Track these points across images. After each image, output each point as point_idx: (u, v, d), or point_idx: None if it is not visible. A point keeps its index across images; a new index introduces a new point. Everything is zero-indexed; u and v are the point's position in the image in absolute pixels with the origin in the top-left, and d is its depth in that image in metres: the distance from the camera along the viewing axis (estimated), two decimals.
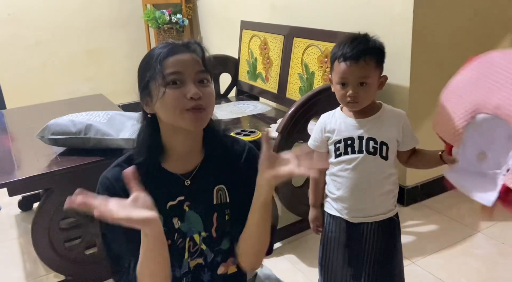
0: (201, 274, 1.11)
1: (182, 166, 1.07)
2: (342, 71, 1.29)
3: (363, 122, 1.36)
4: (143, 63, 1.02)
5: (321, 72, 2.52)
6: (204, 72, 1.00)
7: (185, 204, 1.07)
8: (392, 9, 2.25)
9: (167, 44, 1.01)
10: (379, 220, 1.41)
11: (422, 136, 2.37)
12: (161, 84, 0.97)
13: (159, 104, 0.98)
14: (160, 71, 0.97)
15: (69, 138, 1.80)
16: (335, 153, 1.38)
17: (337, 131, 1.37)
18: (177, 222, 1.07)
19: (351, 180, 1.38)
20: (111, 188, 1.02)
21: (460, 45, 2.39)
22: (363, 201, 1.39)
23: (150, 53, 1.01)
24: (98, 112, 1.89)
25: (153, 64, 0.98)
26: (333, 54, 1.33)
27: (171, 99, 0.96)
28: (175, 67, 0.97)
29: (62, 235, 1.85)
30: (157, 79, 0.97)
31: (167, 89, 0.96)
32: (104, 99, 2.68)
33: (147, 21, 4.08)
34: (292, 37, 2.77)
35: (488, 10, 2.43)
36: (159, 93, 0.97)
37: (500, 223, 2.28)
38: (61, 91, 4.13)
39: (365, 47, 1.28)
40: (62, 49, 4.11)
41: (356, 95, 1.30)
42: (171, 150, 1.05)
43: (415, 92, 2.28)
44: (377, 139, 1.35)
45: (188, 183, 1.07)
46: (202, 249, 1.09)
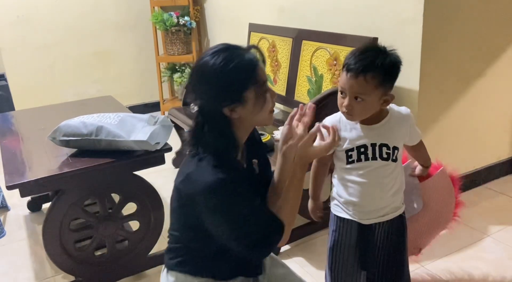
0: None
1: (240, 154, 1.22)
2: (342, 81, 1.28)
3: (374, 128, 1.35)
4: (235, 74, 1.07)
5: (330, 75, 2.52)
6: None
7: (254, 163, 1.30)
8: (402, 12, 2.24)
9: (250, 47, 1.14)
10: (390, 219, 1.42)
11: (431, 139, 2.39)
12: (261, 92, 1.10)
13: (252, 108, 1.10)
14: (256, 80, 1.09)
15: (81, 139, 1.81)
16: (347, 159, 1.37)
17: (349, 140, 1.35)
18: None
19: (363, 186, 1.37)
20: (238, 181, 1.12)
21: (469, 49, 2.38)
22: (376, 204, 1.40)
23: (239, 63, 1.07)
24: (109, 114, 1.90)
25: (248, 73, 1.08)
26: (344, 60, 1.31)
27: (269, 102, 1.14)
28: (264, 76, 1.12)
29: (72, 235, 1.85)
30: (255, 87, 1.09)
31: (267, 95, 1.13)
32: (113, 101, 2.70)
33: (155, 23, 4.10)
34: (301, 40, 2.77)
35: (498, 13, 2.43)
36: (259, 98, 1.10)
37: (509, 226, 2.27)
38: (69, 93, 4.16)
39: (370, 63, 1.22)
40: (70, 51, 4.13)
41: (350, 108, 1.27)
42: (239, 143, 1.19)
43: (424, 95, 2.27)
44: (389, 145, 1.35)
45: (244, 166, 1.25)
46: None
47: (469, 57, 2.40)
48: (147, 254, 2.03)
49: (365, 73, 1.21)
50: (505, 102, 2.66)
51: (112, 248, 1.94)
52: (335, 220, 1.47)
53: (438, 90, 2.34)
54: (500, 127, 2.70)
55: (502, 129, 2.71)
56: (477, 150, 2.62)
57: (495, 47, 2.49)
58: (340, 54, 2.44)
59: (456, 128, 2.47)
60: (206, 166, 1.09)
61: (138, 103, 4.54)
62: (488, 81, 2.51)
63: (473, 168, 2.63)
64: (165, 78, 4.39)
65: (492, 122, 2.63)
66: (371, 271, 1.45)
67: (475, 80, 2.46)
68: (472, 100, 2.48)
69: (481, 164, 2.66)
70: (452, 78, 2.37)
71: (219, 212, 1.10)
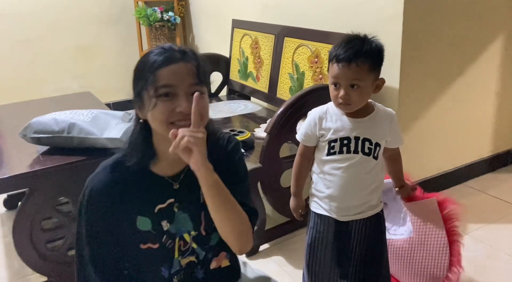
0: (194, 271, 1.13)
1: (170, 169, 1.07)
2: (334, 72, 1.30)
3: (360, 122, 1.36)
4: (137, 70, 1.01)
5: (312, 72, 2.50)
6: (198, 85, 0.98)
7: (175, 206, 1.09)
8: (382, 9, 2.22)
9: (163, 50, 0.99)
10: (367, 217, 1.42)
11: (412, 138, 2.38)
12: (153, 96, 0.96)
13: (149, 114, 0.99)
14: (152, 82, 0.96)
15: (52, 137, 1.77)
16: (328, 150, 1.37)
17: (333, 130, 1.36)
18: (166, 224, 1.08)
19: (342, 179, 1.38)
20: (104, 193, 1.04)
21: (450, 48, 2.37)
22: (352, 199, 1.40)
23: (144, 60, 1.00)
24: (82, 111, 1.86)
25: (146, 74, 0.97)
26: (329, 55, 1.33)
27: (160, 112, 0.96)
28: (168, 79, 0.96)
29: (44, 235, 1.81)
30: (149, 90, 0.96)
31: (158, 101, 0.96)
32: (91, 97, 2.65)
33: (138, 18, 4.04)
34: (283, 37, 2.74)
35: (479, 10, 2.42)
36: (150, 103, 0.97)
37: (489, 225, 2.27)
38: (51, 88, 4.08)
39: (359, 50, 1.27)
40: (52, 45, 4.06)
41: (347, 98, 1.30)
42: (161, 154, 1.05)
43: (405, 93, 2.26)
44: (372, 140, 1.37)
45: (176, 186, 1.08)
46: (193, 247, 1.11)
47: (449, 55, 2.39)
48: None
49: (356, 59, 1.26)
50: (486, 100, 2.66)
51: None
52: (313, 217, 1.47)
53: (418, 88, 2.32)
54: (480, 126, 2.69)
55: (482, 127, 2.71)
56: (457, 148, 2.61)
57: (475, 46, 2.49)
58: (321, 52, 2.42)
59: (436, 126, 2.46)
60: (105, 163, 1.09)
61: (122, 99, 4.47)
62: (469, 80, 2.50)
63: (453, 166, 2.62)
64: None
65: (472, 121, 2.63)
66: (347, 268, 1.43)
67: (456, 79, 2.45)
68: (452, 99, 2.47)
69: (462, 162, 2.66)
70: (432, 77, 2.36)
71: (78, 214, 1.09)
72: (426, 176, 2.50)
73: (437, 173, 2.55)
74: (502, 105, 2.72)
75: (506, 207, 2.42)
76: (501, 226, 2.26)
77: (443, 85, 2.42)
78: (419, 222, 1.62)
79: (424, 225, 1.62)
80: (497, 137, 2.78)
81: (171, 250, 1.09)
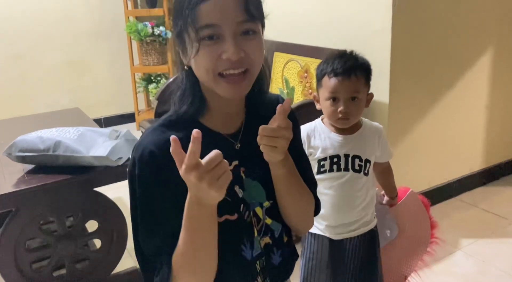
0: (271, 256, 0.93)
1: (226, 125, 0.89)
2: (333, 86, 1.29)
3: (348, 139, 1.35)
4: (176, 5, 0.82)
5: (301, 87, 2.50)
6: (248, 22, 0.79)
7: (241, 170, 0.89)
8: (371, 24, 2.23)
9: None
10: (361, 234, 1.41)
11: (402, 152, 2.37)
12: (194, 39, 0.78)
13: (193, 62, 0.81)
14: (192, 22, 0.77)
15: (37, 155, 1.74)
16: (318, 169, 1.36)
17: (322, 149, 1.35)
18: (239, 190, 0.89)
19: (334, 198, 1.36)
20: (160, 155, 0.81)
21: (439, 61, 2.38)
22: (346, 217, 1.38)
23: None
24: (69, 129, 1.83)
25: (184, 11, 0.78)
26: (321, 70, 1.32)
27: (204, 59, 0.78)
28: (211, 17, 0.76)
29: (29, 256, 1.77)
30: (190, 31, 0.78)
31: (201, 46, 0.78)
32: (80, 114, 2.62)
33: (129, 33, 4.04)
34: (273, 52, 2.75)
35: (467, 25, 2.44)
36: (193, 49, 0.79)
37: (480, 240, 2.25)
38: (41, 103, 4.05)
39: (355, 63, 1.30)
40: (42, 60, 4.04)
41: (347, 111, 1.30)
42: (215, 108, 0.88)
43: (394, 107, 2.26)
44: (362, 157, 1.36)
45: (238, 146, 0.89)
46: (267, 224, 0.92)
47: (439, 69, 2.40)
48: (110, 274, 1.96)
49: (355, 71, 1.28)
50: (476, 114, 2.67)
51: (72, 268, 1.86)
52: (307, 237, 1.45)
53: (408, 102, 2.33)
54: (471, 139, 2.70)
55: (473, 140, 2.71)
56: (448, 161, 2.61)
57: (465, 60, 2.50)
58: (311, 67, 2.42)
59: (427, 140, 2.46)
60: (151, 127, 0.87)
61: (113, 114, 4.45)
62: (458, 93, 2.51)
63: (445, 180, 2.62)
64: (140, 89, 4.33)
65: (463, 134, 2.63)
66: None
67: (445, 93, 2.46)
68: (443, 112, 2.47)
69: (453, 175, 2.65)
70: (422, 90, 2.37)
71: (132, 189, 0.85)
72: (417, 190, 2.48)
73: (428, 187, 2.54)
74: (492, 118, 2.72)
75: (498, 221, 2.41)
76: (493, 240, 2.25)
77: (433, 99, 2.42)
78: (409, 217, 1.66)
79: (415, 217, 1.68)
80: (488, 151, 2.78)
81: (250, 224, 0.90)
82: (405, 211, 1.64)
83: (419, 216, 1.70)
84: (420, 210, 1.71)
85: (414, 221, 1.67)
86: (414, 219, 1.68)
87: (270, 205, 0.91)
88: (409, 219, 1.66)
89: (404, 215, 1.64)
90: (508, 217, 2.42)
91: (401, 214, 1.64)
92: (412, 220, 1.67)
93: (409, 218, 1.66)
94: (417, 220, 1.69)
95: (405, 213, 1.65)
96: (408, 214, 1.66)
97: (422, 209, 1.71)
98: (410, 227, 1.65)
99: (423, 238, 1.71)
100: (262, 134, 0.78)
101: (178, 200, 0.79)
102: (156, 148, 0.82)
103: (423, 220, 1.71)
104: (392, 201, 1.62)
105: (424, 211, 1.72)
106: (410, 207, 1.65)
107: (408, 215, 1.66)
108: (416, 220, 1.68)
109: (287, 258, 0.95)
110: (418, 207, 1.69)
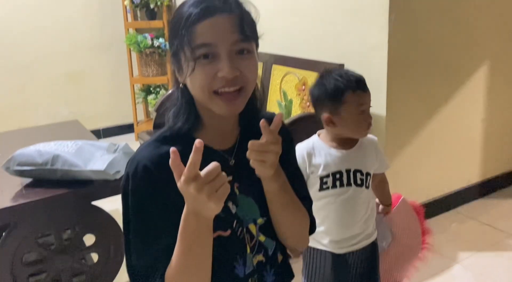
0: (264, 275, 0.92)
1: (219, 142, 0.90)
2: (362, 99, 1.30)
3: (348, 154, 1.36)
4: (172, 25, 0.84)
5: (299, 99, 2.51)
6: (243, 41, 0.81)
7: (235, 186, 0.90)
8: (367, 39, 2.25)
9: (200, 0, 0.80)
10: (363, 247, 1.41)
11: (400, 165, 2.38)
12: (190, 58, 0.80)
13: (188, 80, 0.83)
14: (188, 42, 0.79)
15: (35, 169, 1.74)
16: (321, 186, 1.35)
17: (323, 166, 1.34)
18: (233, 206, 0.89)
19: (337, 213, 1.36)
20: (154, 169, 0.82)
21: (435, 74, 2.40)
22: (349, 231, 1.39)
23: (179, 12, 0.82)
24: (67, 142, 1.84)
25: (180, 31, 0.80)
26: (337, 88, 1.28)
27: (199, 78, 0.80)
28: (207, 37, 0.78)
29: (26, 269, 1.76)
30: (185, 50, 0.80)
31: (197, 65, 0.79)
32: (79, 126, 2.63)
33: (129, 45, 4.06)
34: (271, 64, 2.77)
35: (463, 40, 2.46)
36: (189, 68, 0.80)
37: (478, 253, 2.25)
38: (41, 114, 4.07)
39: (361, 77, 1.34)
40: (42, 72, 4.06)
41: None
42: (209, 125, 0.89)
43: (392, 120, 2.27)
44: (363, 170, 1.36)
45: (232, 162, 0.90)
46: (261, 241, 0.92)
47: (435, 83, 2.41)
48: None
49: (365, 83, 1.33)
50: (473, 127, 2.68)
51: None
52: (309, 252, 1.44)
53: (405, 115, 2.34)
54: (468, 152, 2.71)
55: (470, 153, 2.72)
56: (446, 174, 2.62)
57: (461, 72, 2.52)
58: (308, 80, 2.44)
59: (425, 153, 2.47)
60: (146, 142, 0.89)
61: (112, 125, 4.47)
62: (455, 106, 2.52)
63: (443, 192, 2.62)
64: (140, 99, 4.35)
65: (461, 147, 2.64)
66: None
67: (442, 106, 2.47)
68: (439, 125, 2.48)
69: (451, 188, 2.66)
70: (419, 104, 2.38)
71: (125, 204, 0.85)
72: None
73: (426, 200, 2.54)
74: (489, 131, 2.74)
75: (496, 234, 2.41)
76: (491, 254, 2.25)
77: (430, 111, 2.44)
78: (401, 224, 1.68)
79: (407, 223, 1.69)
80: (485, 163, 2.78)
81: (243, 241, 0.89)
82: (398, 218, 1.65)
83: (411, 223, 1.71)
84: (411, 216, 1.72)
85: (406, 228, 1.68)
86: (407, 225, 1.69)
87: (264, 222, 0.92)
88: (402, 225, 1.67)
89: (396, 222, 1.66)
90: (506, 230, 2.42)
91: (394, 221, 1.65)
92: (405, 226, 1.68)
93: (402, 225, 1.67)
94: (409, 226, 1.70)
95: (397, 220, 1.66)
96: (401, 221, 1.67)
97: (414, 215, 1.72)
98: (402, 234, 1.66)
99: (415, 244, 1.72)
100: (251, 149, 0.79)
101: (172, 217, 0.79)
102: (150, 162, 0.83)
103: (415, 226, 1.72)
104: (387, 209, 1.62)
105: (416, 217, 1.73)
106: (402, 214, 1.66)
107: (400, 222, 1.67)
108: (408, 227, 1.70)
109: (281, 278, 0.95)
110: (410, 213, 1.71)
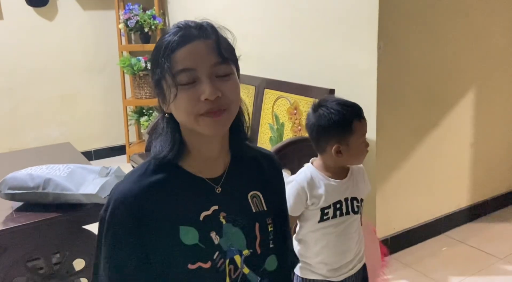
0: None
1: (206, 170, 0.90)
2: (365, 126, 1.34)
3: (345, 182, 1.38)
4: (152, 56, 0.87)
5: (291, 123, 2.54)
6: (222, 64, 0.83)
7: (221, 215, 0.89)
8: (357, 64, 2.31)
9: (178, 29, 0.84)
10: (358, 270, 1.43)
11: (389, 188, 2.41)
12: (172, 85, 0.82)
13: (173, 107, 0.84)
14: (169, 69, 0.81)
15: (27, 193, 1.74)
16: (321, 217, 1.36)
17: (324, 198, 1.35)
18: (216, 237, 0.87)
19: (335, 242, 1.38)
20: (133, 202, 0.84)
21: (424, 100, 2.45)
22: (346, 258, 1.40)
23: (159, 43, 0.85)
24: (59, 166, 1.84)
25: (160, 59, 0.82)
26: (345, 118, 1.30)
27: (183, 102, 0.81)
28: (186, 62, 0.81)
29: None
30: (167, 78, 0.82)
31: (179, 91, 0.81)
32: (71, 149, 2.63)
33: (123, 67, 4.10)
34: (263, 88, 2.81)
35: (449, 65, 2.52)
36: (171, 94, 0.82)
37: (469, 278, 2.26)
38: (32, 137, 4.06)
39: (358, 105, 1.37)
40: (35, 94, 4.07)
41: None
42: (195, 152, 0.89)
43: (381, 144, 2.30)
44: (358, 197, 1.40)
45: (219, 190, 0.89)
46: (245, 273, 0.90)
47: (424, 108, 2.46)
48: None
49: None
50: (461, 151, 2.72)
51: None
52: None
53: (395, 140, 2.38)
54: (457, 176, 2.74)
55: (459, 177, 2.75)
56: (436, 198, 2.64)
57: (449, 98, 2.57)
58: (300, 104, 2.47)
59: (414, 177, 2.50)
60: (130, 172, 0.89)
61: (104, 147, 4.46)
62: (444, 131, 2.57)
63: (432, 217, 2.64)
64: (132, 121, 4.36)
65: (450, 171, 2.67)
66: None
67: (431, 131, 2.51)
68: (429, 150, 2.52)
69: (441, 212, 2.68)
70: (408, 129, 2.42)
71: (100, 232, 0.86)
72: (405, 227, 2.51)
73: (416, 224, 2.56)
74: (477, 155, 2.78)
75: (486, 258, 2.42)
76: (481, 278, 2.25)
77: (419, 137, 2.48)
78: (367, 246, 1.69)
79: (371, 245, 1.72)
80: (474, 188, 2.82)
81: (222, 274, 0.87)
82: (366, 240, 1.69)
83: (373, 243, 1.76)
84: (375, 239, 1.78)
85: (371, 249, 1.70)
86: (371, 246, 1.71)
87: (250, 254, 0.90)
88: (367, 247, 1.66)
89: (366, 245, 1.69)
90: (495, 254, 2.44)
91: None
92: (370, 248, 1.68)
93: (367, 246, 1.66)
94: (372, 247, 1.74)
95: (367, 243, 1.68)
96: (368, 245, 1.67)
97: (375, 238, 1.81)
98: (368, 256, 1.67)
99: (377, 264, 1.77)
100: None
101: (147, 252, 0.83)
102: (131, 195, 0.84)
103: (376, 245, 1.78)
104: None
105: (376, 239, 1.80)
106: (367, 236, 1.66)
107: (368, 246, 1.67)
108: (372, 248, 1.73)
109: None
110: (373, 236, 1.77)
